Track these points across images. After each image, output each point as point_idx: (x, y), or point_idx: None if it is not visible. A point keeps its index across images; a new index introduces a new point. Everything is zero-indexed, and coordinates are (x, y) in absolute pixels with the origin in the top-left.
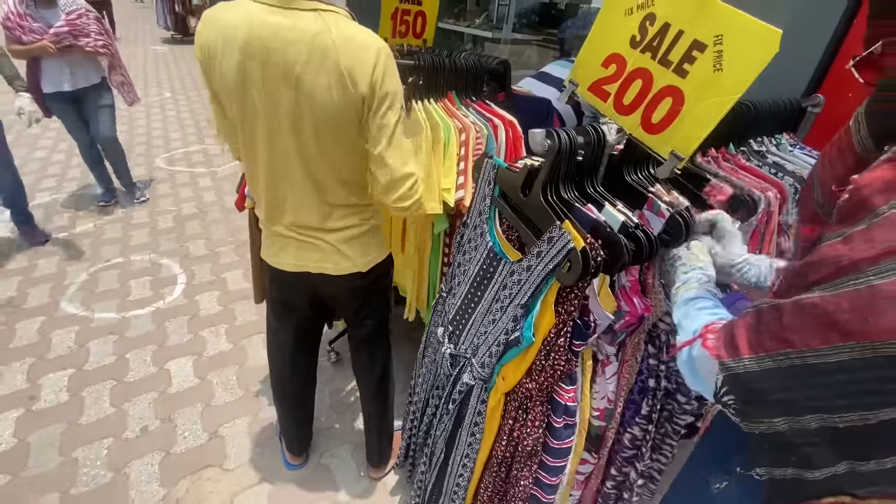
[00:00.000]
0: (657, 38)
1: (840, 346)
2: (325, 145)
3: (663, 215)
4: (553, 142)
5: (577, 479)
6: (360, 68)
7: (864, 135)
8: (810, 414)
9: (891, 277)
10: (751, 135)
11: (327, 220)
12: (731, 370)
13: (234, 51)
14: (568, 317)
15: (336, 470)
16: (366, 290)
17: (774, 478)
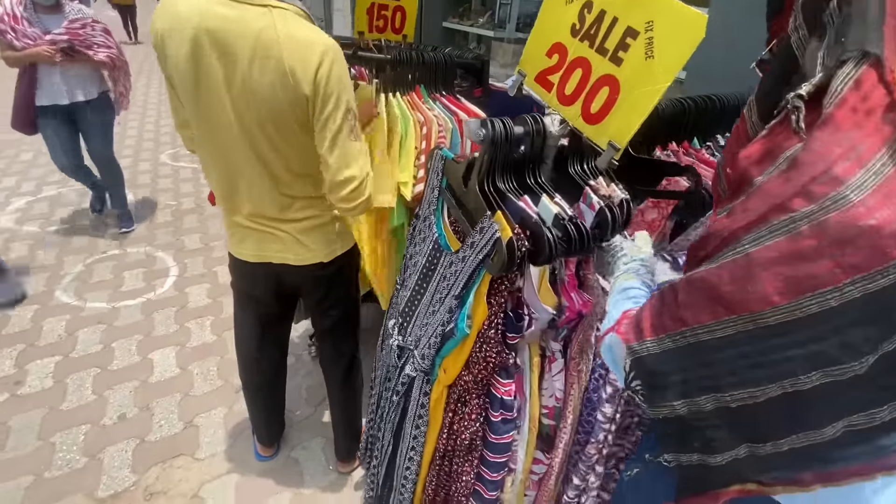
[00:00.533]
0: (594, 25)
1: (726, 321)
2: (273, 140)
3: (594, 208)
4: (488, 131)
5: (532, 480)
6: (302, 67)
7: (755, 119)
8: (705, 395)
9: (762, 244)
10: (719, 129)
11: (286, 211)
12: (636, 353)
13: (185, 41)
14: (499, 308)
15: (305, 463)
16: (329, 280)
17: (682, 464)
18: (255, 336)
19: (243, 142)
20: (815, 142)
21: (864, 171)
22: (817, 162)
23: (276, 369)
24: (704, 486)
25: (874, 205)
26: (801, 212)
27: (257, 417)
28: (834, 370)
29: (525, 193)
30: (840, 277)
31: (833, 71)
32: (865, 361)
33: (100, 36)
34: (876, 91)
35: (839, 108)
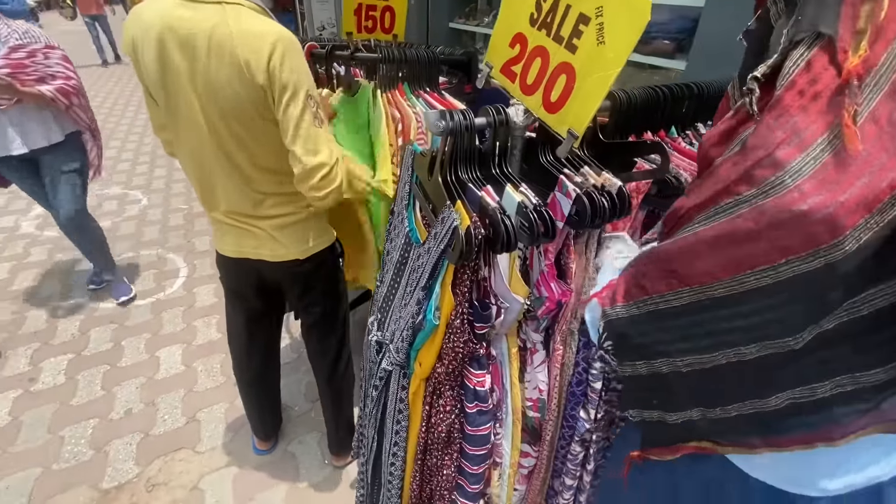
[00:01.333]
0: (550, 14)
1: (680, 292)
2: (238, 136)
3: (571, 196)
4: (446, 122)
5: (521, 474)
6: (255, 59)
7: (738, 96)
8: (660, 358)
9: (710, 223)
10: (700, 117)
11: (259, 208)
12: (608, 317)
13: (151, 45)
14: (463, 298)
15: (301, 457)
16: (307, 276)
17: (644, 419)
18: (244, 331)
19: (211, 140)
20: (761, 125)
21: (803, 155)
22: (761, 146)
23: (267, 364)
24: (664, 440)
25: (808, 190)
26: (744, 195)
27: (251, 411)
28: (771, 343)
29: (489, 184)
30: (775, 258)
31: (787, 51)
32: (801, 338)
33: (56, 65)
34: (825, 73)
35: (787, 91)
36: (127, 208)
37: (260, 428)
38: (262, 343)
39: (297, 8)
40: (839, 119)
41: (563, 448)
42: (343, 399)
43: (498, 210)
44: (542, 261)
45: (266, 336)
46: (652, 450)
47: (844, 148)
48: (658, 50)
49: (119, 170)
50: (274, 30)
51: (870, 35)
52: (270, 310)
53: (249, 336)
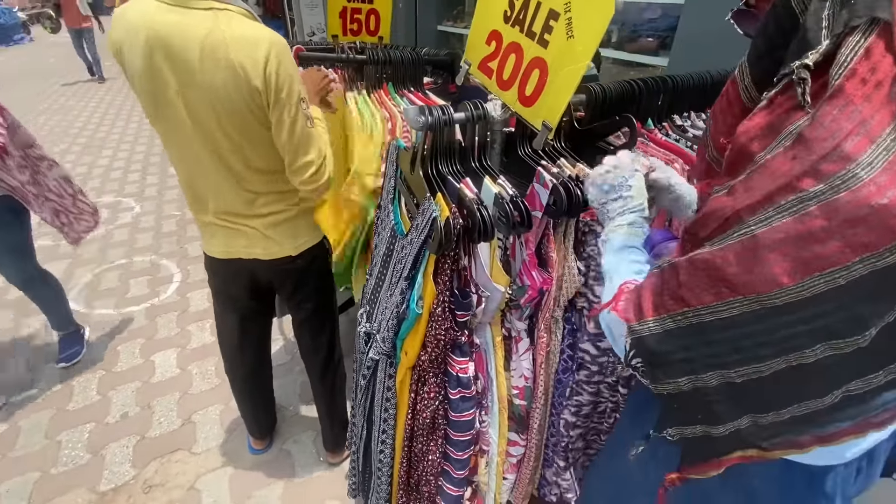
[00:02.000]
0: (522, 10)
1: (731, 301)
2: (232, 138)
3: (547, 186)
4: (426, 118)
5: (509, 462)
6: (252, 64)
7: (749, 83)
8: (710, 371)
9: (769, 224)
10: (676, 109)
11: (251, 207)
12: (637, 333)
13: (138, 49)
14: (444, 287)
15: (297, 455)
16: (299, 273)
17: (685, 437)
18: (235, 333)
19: (204, 143)
20: (824, 116)
21: (874, 147)
22: (826, 138)
23: (260, 364)
24: (708, 455)
25: (885, 183)
26: (810, 191)
27: (245, 411)
28: (839, 343)
29: (468, 176)
30: (849, 256)
31: (841, 38)
32: (869, 334)
33: None
34: (884, 61)
35: (848, 80)
36: (120, 216)
37: (255, 427)
38: (254, 342)
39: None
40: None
41: (552, 436)
42: (336, 395)
43: (475, 201)
44: (523, 250)
45: (258, 335)
46: (692, 468)
47: None
48: (643, 47)
49: (111, 178)
50: (267, 35)
51: None
52: (261, 310)
53: (241, 336)
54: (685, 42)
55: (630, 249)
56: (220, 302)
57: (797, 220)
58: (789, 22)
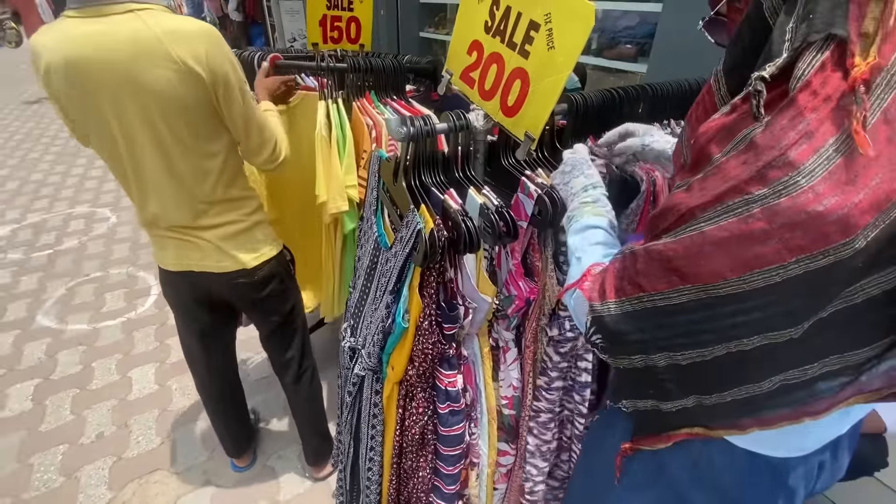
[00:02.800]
0: (503, 21)
1: (680, 289)
2: (183, 139)
3: (532, 196)
4: (407, 128)
5: (500, 472)
6: (192, 54)
7: (724, 92)
8: (659, 353)
9: (717, 223)
10: (657, 117)
11: (201, 218)
12: (598, 313)
13: (61, 70)
14: (431, 300)
15: (281, 471)
16: (256, 287)
17: (638, 409)
18: (198, 349)
19: (152, 151)
20: (774, 125)
21: (816, 156)
22: (774, 146)
23: (228, 380)
24: (658, 429)
25: (823, 191)
26: (755, 195)
27: (219, 430)
28: (774, 335)
29: (452, 187)
30: (786, 257)
31: (799, 52)
32: (801, 327)
33: None
34: (834, 76)
35: (801, 92)
36: (95, 226)
37: (231, 445)
38: (218, 359)
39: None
40: (849, 124)
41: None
42: (313, 407)
43: (460, 212)
44: (509, 260)
45: (221, 350)
46: (644, 439)
47: (856, 149)
48: (622, 54)
49: (86, 188)
50: (198, 25)
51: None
52: (222, 324)
53: (203, 353)
54: (663, 49)
55: (595, 230)
56: (178, 317)
57: (741, 220)
58: (763, 33)
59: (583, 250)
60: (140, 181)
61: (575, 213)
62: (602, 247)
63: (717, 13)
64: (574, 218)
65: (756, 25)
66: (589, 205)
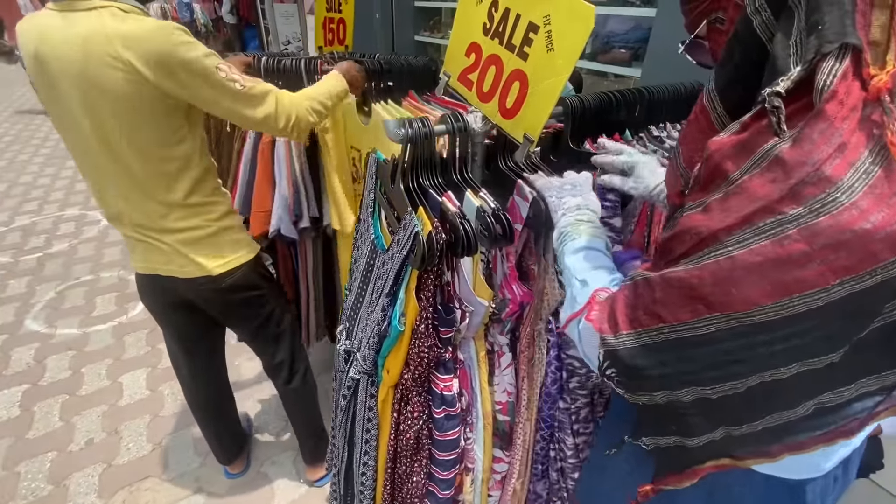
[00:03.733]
0: (501, 23)
1: (707, 318)
2: (136, 141)
3: (528, 199)
4: (405, 130)
5: (494, 479)
6: (141, 56)
7: (721, 112)
8: (685, 387)
9: (747, 247)
10: (653, 120)
11: (164, 221)
12: (611, 346)
13: (30, 59)
14: (427, 303)
15: (275, 477)
16: (224, 294)
17: (660, 446)
18: (180, 355)
19: (107, 149)
20: (803, 140)
21: (853, 170)
22: (805, 161)
23: (215, 387)
24: (682, 465)
25: (867, 207)
26: (789, 215)
27: (208, 436)
28: (813, 361)
29: (450, 190)
30: (829, 279)
31: (814, 64)
32: (841, 350)
33: None
34: (854, 86)
35: (828, 103)
36: (85, 229)
37: (220, 452)
38: (202, 363)
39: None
40: (881, 134)
41: (542, 450)
42: (307, 408)
43: (458, 215)
44: (504, 264)
45: (205, 355)
46: (667, 479)
47: (894, 160)
48: (616, 58)
49: (76, 190)
50: (151, 24)
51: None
52: (200, 326)
53: (186, 358)
54: (657, 54)
55: (596, 252)
56: (158, 322)
57: (776, 242)
58: (756, 50)
59: (585, 272)
60: (97, 177)
61: (568, 229)
62: (606, 271)
63: (696, 36)
64: (569, 235)
65: (747, 42)
66: (584, 224)
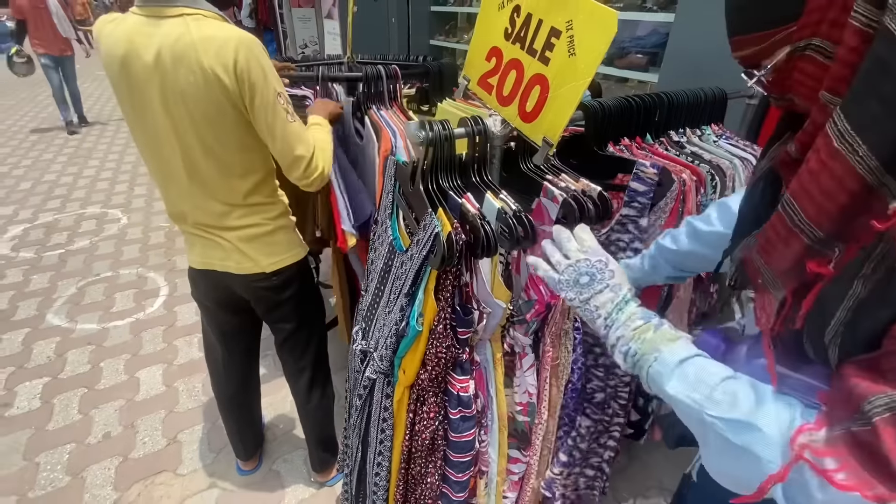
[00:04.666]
0: (523, 28)
1: None
2: (209, 145)
3: (557, 200)
4: (426, 133)
5: (510, 480)
6: (221, 65)
7: (866, 153)
8: None
9: None
10: (672, 125)
11: (226, 219)
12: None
13: (117, 63)
14: (446, 303)
15: (286, 475)
16: (274, 291)
17: None
18: (218, 349)
19: (178, 151)
20: None
21: None
22: None
23: (244, 383)
24: None
25: None
26: None
27: (231, 431)
28: None
29: (469, 191)
30: None
31: None
32: None
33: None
34: None
35: None
36: (106, 227)
37: (240, 447)
38: (237, 360)
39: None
40: None
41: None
42: (323, 418)
43: (478, 216)
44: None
45: (242, 352)
46: None
47: None
48: (633, 63)
49: (98, 189)
50: (234, 34)
51: None
52: (244, 325)
53: (225, 352)
54: (675, 59)
55: (702, 364)
56: (203, 316)
57: None
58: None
59: (731, 408)
60: (166, 177)
61: (637, 346)
62: (751, 390)
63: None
64: (644, 356)
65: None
66: (648, 329)
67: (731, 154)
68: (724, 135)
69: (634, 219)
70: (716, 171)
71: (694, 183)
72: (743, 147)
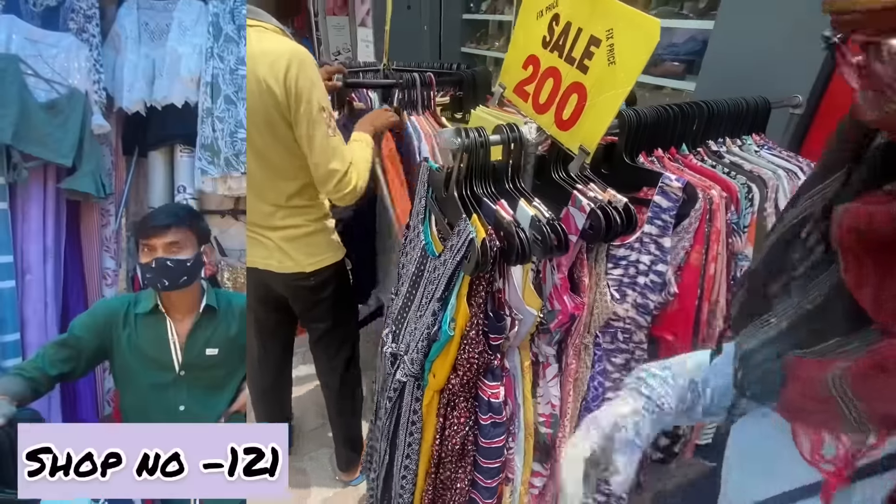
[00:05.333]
0: (562, 36)
1: None
2: (259, 149)
3: (584, 210)
4: (462, 139)
5: (531, 493)
6: (273, 76)
7: None
8: None
9: None
10: (711, 135)
11: (271, 219)
12: None
13: None
14: (479, 309)
15: (312, 473)
16: (312, 291)
17: None
18: (256, 344)
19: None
20: None
21: None
22: None
23: (277, 380)
24: None
25: None
26: None
27: (259, 421)
28: None
29: (502, 198)
30: None
31: None
32: None
33: None
34: None
35: None
36: None
37: None
38: (273, 356)
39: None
40: None
41: None
42: (349, 417)
43: (513, 223)
44: (555, 274)
45: (277, 350)
46: None
47: None
48: (668, 71)
49: None
50: (288, 47)
51: None
52: (281, 322)
53: (261, 348)
54: (714, 67)
55: None
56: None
57: None
58: None
59: None
60: None
61: None
62: None
63: None
64: None
65: None
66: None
67: (775, 164)
68: (765, 145)
69: (657, 238)
70: (756, 182)
71: (724, 200)
72: (787, 158)
